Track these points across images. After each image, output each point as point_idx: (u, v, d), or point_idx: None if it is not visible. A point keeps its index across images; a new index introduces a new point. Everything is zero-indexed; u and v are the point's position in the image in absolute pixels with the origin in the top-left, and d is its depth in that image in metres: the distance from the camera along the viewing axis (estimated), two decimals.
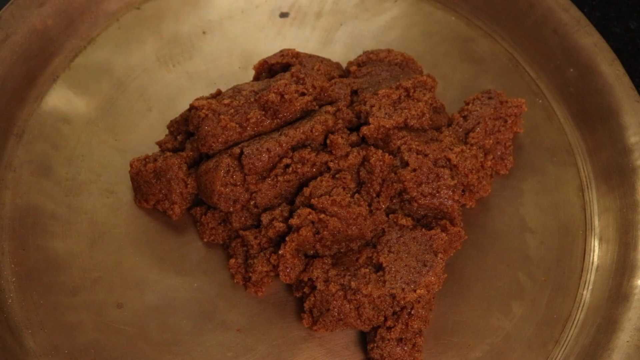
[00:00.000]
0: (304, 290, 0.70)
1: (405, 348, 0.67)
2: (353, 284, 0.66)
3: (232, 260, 0.72)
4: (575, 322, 0.72)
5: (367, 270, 0.68)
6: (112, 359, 0.68)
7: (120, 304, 0.71)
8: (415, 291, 0.66)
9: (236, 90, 0.74)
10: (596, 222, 0.77)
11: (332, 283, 0.67)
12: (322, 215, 0.68)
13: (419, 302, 0.67)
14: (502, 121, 0.77)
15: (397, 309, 0.67)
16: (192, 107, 0.73)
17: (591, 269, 0.74)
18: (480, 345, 0.70)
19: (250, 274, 0.71)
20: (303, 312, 0.69)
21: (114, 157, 0.78)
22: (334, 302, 0.67)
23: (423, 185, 0.70)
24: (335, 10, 0.88)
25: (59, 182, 0.76)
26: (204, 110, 0.72)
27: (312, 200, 0.69)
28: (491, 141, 0.76)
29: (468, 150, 0.73)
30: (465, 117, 0.77)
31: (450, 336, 0.71)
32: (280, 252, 0.68)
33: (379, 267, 0.68)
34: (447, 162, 0.72)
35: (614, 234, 0.75)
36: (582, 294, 0.73)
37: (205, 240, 0.74)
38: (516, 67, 0.85)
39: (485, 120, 0.76)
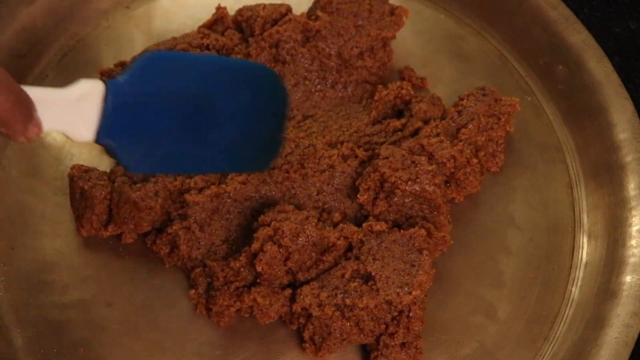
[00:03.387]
0: (300, 320, 0.68)
1: (409, 352, 0.66)
2: (347, 301, 0.65)
3: (192, 292, 0.70)
4: (564, 318, 0.72)
5: (357, 283, 0.66)
6: (102, 357, 0.68)
7: (109, 302, 0.71)
8: (410, 293, 0.65)
9: None
10: (585, 219, 0.77)
11: (327, 306, 0.66)
12: (275, 223, 0.67)
13: (415, 303, 0.66)
14: (495, 118, 0.77)
15: (395, 313, 0.66)
16: None
17: (580, 265, 0.74)
18: (470, 342, 0.71)
19: (211, 306, 0.68)
20: (304, 342, 0.68)
21: (103, 156, 0.77)
22: (334, 324, 0.66)
23: (400, 170, 0.70)
24: None
25: (48, 182, 0.76)
26: None
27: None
28: (483, 138, 0.76)
29: (448, 142, 0.72)
30: (459, 112, 0.76)
31: (439, 333, 0.71)
32: (252, 296, 0.66)
33: (368, 278, 0.67)
34: (422, 150, 0.72)
35: (602, 230, 0.75)
36: (571, 291, 0.73)
37: (167, 266, 0.72)
38: (505, 64, 0.85)
39: (479, 116, 0.75)
